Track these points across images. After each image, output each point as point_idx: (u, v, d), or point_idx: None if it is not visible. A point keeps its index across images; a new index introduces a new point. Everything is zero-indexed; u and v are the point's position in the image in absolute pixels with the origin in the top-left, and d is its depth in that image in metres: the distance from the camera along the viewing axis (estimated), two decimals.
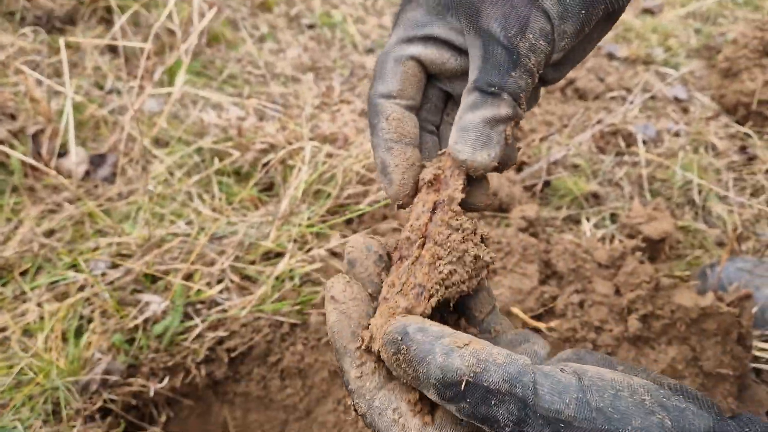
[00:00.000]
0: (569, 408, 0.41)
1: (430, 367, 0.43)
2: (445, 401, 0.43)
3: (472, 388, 0.41)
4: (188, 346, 1.26)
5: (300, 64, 2.12)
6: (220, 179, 1.59)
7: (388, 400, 0.49)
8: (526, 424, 0.40)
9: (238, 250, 1.39)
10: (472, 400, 0.41)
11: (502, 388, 0.41)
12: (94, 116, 1.67)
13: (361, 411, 0.50)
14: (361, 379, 0.50)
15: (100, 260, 1.34)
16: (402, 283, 0.53)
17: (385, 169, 0.59)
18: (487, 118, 0.54)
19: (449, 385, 0.42)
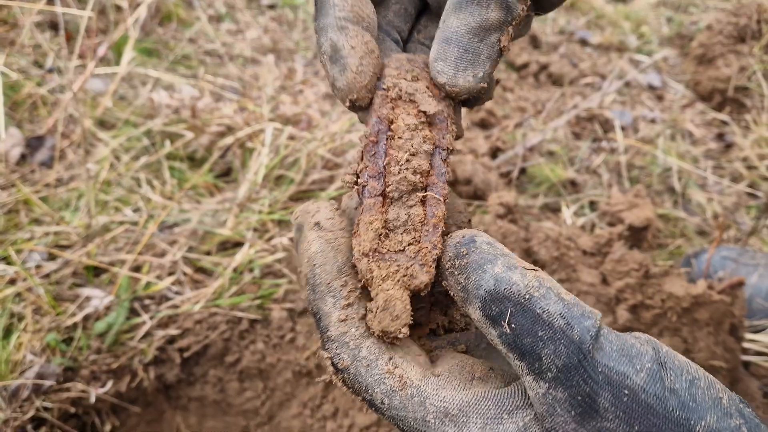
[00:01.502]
0: (639, 376, 0.34)
1: (485, 275, 0.36)
2: (487, 320, 0.36)
3: (521, 311, 0.35)
4: (135, 346, 1.12)
5: (260, 46, 1.99)
6: (171, 164, 1.46)
7: (379, 350, 0.39)
8: (577, 374, 0.33)
9: (191, 239, 1.26)
10: (518, 326, 0.35)
11: (557, 322, 0.34)
12: (31, 95, 1.51)
13: (342, 364, 0.39)
14: (346, 324, 0.40)
15: (34, 251, 1.20)
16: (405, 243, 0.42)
17: (338, 52, 0.45)
18: (474, 26, 0.43)
19: (498, 299, 0.35)
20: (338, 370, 0.40)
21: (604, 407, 0.34)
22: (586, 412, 0.34)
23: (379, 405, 0.39)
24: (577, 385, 0.34)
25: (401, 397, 0.38)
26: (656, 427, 0.34)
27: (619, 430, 0.34)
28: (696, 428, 0.34)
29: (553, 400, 0.34)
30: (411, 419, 0.38)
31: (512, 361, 0.36)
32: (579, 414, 0.34)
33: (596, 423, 0.34)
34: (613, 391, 0.34)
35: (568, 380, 0.34)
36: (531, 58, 2.11)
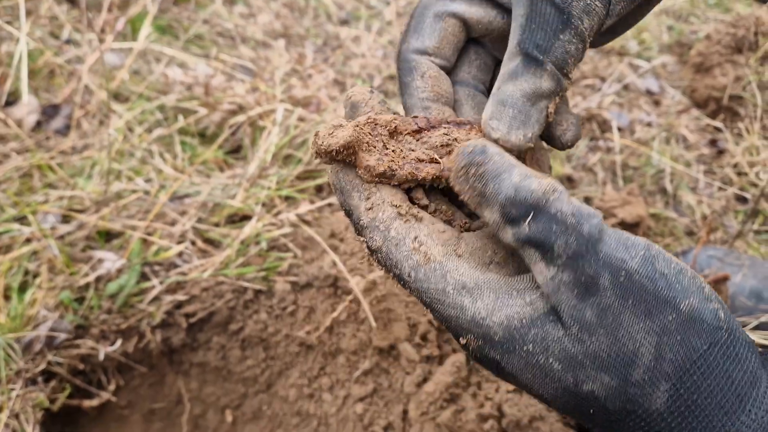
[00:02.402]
0: (634, 260, 0.41)
1: (503, 183, 0.42)
2: (506, 221, 0.42)
3: (539, 211, 0.41)
4: (144, 309, 1.17)
5: (271, 30, 2.03)
6: (183, 139, 1.50)
7: (405, 230, 0.46)
8: (583, 260, 0.40)
9: (201, 211, 1.31)
10: (535, 224, 0.41)
11: (569, 220, 0.41)
12: (48, 64, 1.55)
13: (375, 245, 0.47)
14: (373, 211, 0.47)
15: (49, 213, 1.24)
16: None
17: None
18: (528, 92, 0.48)
19: (517, 203, 0.41)
20: (372, 251, 0.47)
21: (604, 286, 0.40)
22: (587, 290, 0.41)
23: (407, 278, 0.45)
24: (582, 268, 0.40)
25: (425, 270, 0.45)
26: (646, 302, 0.41)
27: (615, 304, 0.40)
28: (681, 306, 0.41)
29: (559, 282, 0.41)
30: (433, 290, 0.45)
31: (526, 252, 0.42)
32: (581, 292, 0.41)
33: (595, 299, 0.41)
34: (612, 273, 0.40)
35: (575, 265, 0.41)
36: None
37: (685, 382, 0.40)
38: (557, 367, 0.42)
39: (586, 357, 0.41)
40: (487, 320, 0.43)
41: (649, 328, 0.41)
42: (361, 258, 1.28)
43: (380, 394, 1.18)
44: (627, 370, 0.41)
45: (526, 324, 0.42)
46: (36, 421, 1.05)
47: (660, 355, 0.40)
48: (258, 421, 1.26)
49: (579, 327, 0.41)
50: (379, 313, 1.19)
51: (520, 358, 0.43)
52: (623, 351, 0.41)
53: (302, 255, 1.30)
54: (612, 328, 0.41)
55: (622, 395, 0.41)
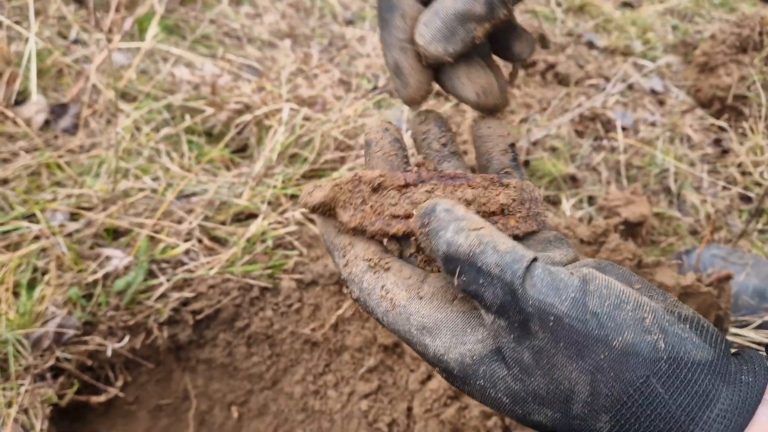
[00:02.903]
0: (564, 304, 0.42)
1: (440, 240, 0.45)
2: (447, 273, 0.45)
3: (468, 266, 0.44)
4: (151, 306, 1.18)
5: (277, 30, 2.04)
6: (190, 138, 1.51)
7: (374, 281, 0.51)
8: (510, 308, 0.43)
9: (207, 209, 1.32)
10: (467, 277, 0.44)
11: (493, 270, 0.43)
12: (56, 64, 1.57)
13: (354, 296, 0.52)
14: (348, 267, 0.52)
15: (58, 211, 1.25)
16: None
17: (400, 70, 0.56)
18: (460, 11, 0.52)
19: (451, 259, 0.44)
20: (354, 299, 0.53)
21: (535, 330, 0.42)
22: (522, 335, 0.43)
23: (381, 320, 0.51)
24: (513, 316, 0.43)
25: (393, 315, 0.49)
26: (577, 343, 0.42)
27: (547, 347, 0.42)
28: (613, 343, 0.41)
29: (498, 327, 0.44)
30: (402, 331, 0.49)
31: (470, 299, 0.47)
32: (517, 336, 0.43)
33: (530, 342, 0.43)
34: (541, 318, 0.42)
35: (505, 313, 0.43)
36: (539, 57, 2.17)
37: (624, 414, 0.41)
38: (506, 401, 0.45)
39: (528, 395, 0.44)
40: (445, 357, 0.47)
41: (582, 367, 0.42)
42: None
43: (385, 391, 1.19)
44: (567, 405, 0.43)
45: (476, 361, 0.46)
46: (45, 416, 1.06)
47: (596, 391, 0.42)
48: (264, 417, 1.28)
49: (519, 368, 0.44)
50: None
51: (476, 390, 0.46)
52: (560, 389, 0.43)
53: (308, 253, 1.32)
54: (547, 369, 0.43)
55: (567, 426, 0.44)
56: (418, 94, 0.57)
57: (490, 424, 1.09)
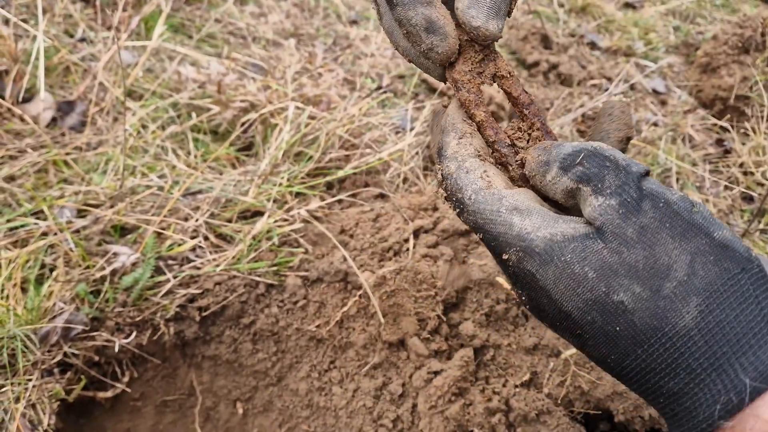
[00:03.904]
0: (674, 196, 0.46)
1: (564, 147, 0.49)
2: (562, 171, 0.48)
3: (594, 154, 0.47)
4: (158, 302, 1.19)
5: (282, 30, 2.05)
6: (195, 136, 1.52)
7: (478, 164, 0.53)
8: (629, 188, 0.45)
9: (213, 206, 1.33)
10: (589, 162, 0.47)
11: (620, 161, 0.47)
12: (63, 62, 1.57)
13: (448, 171, 0.53)
14: (459, 146, 0.54)
15: (65, 207, 1.26)
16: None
17: (433, 24, 0.54)
18: None
19: (574, 154, 0.48)
20: (444, 177, 0.54)
21: (645, 209, 0.45)
22: (630, 212, 0.45)
23: (467, 201, 0.51)
24: (628, 194, 0.45)
25: (485, 194, 0.50)
26: (682, 227, 0.45)
27: (653, 224, 0.45)
28: (714, 234, 0.44)
29: (606, 206, 0.46)
30: (488, 210, 0.50)
31: (578, 192, 0.48)
32: (625, 213, 0.45)
33: (637, 219, 0.45)
34: (653, 200, 0.45)
35: (621, 191, 0.46)
36: (541, 57, 2.17)
37: (716, 299, 0.43)
38: (591, 276, 0.45)
39: (621, 266, 0.44)
40: (531, 235, 0.47)
41: (683, 247, 0.44)
42: (371, 255, 1.30)
43: (389, 388, 1.20)
44: (659, 282, 0.43)
45: (567, 239, 0.46)
46: (52, 411, 1.07)
47: (693, 272, 0.43)
48: (268, 413, 1.28)
49: (619, 242, 0.45)
50: (388, 308, 1.21)
51: (556, 268, 0.46)
52: (658, 264, 0.44)
53: (313, 250, 1.32)
54: (650, 243, 0.44)
55: (652, 308, 0.43)
56: (456, 45, 0.56)
57: (494, 420, 1.10)
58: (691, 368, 0.43)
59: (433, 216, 1.39)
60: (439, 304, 1.24)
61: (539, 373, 1.19)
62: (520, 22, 2.37)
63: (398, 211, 1.40)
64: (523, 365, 1.20)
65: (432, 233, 1.37)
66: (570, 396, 1.16)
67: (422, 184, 1.56)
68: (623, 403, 1.14)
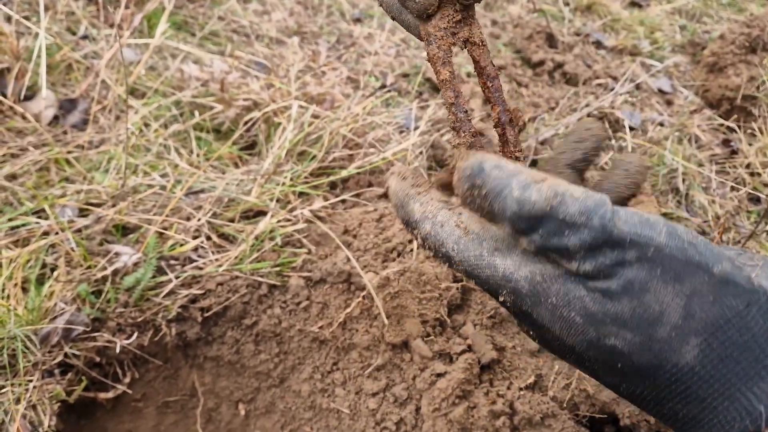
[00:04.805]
0: (661, 236, 0.41)
1: (506, 201, 0.43)
2: (518, 234, 0.44)
3: (546, 221, 0.42)
4: (159, 303, 1.18)
5: (285, 28, 2.04)
6: (198, 135, 1.51)
7: (449, 215, 0.51)
8: (600, 249, 0.41)
9: (216, 206, 1.32)
10: (545, 232, 0.42)
11: (578, 219, 0.41)
12: (65, 59, 1.56)
13: (424, 232, 0.52)
14: (423, 206, 0.53)
15: (67, 207, 1.25)
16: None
17: None
18: None
19: (524, 218, 0.42)
20: (423, 239, 0.52)
21: (629, 262, 0.41)
22: (612, 271, 0.42)
23: (451, 252, 0.50)
24: (605, 255, 0.41)
25: (466, 240, 0.49)
26: (675, 269, 0.41)
27: (641, 275, 0.41)
28: (713, 269, 0.42)
29: (585, 271, 0.42)
30: (472, 256, 0.48)
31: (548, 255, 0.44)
32: (605, 274, 0.42)
33: (621, 273, 0.41)
34: (640, 250, 0.41)
35: (595, 255, 0.42)
36: (546, 56, 2.16)
37: (719, 337, 0.41)
38: (579, 321, 0.43)
39: (607, 317, 0.42)
40: (515, 275, 0.46)
41: (678, 291, 0.41)
42: (375, 256, 1.29)
43: (393, 390, 1.19)
44: (651, 329, 0.42)
45: (547, 279, 0.44)
46: (53, 412, 1.07)
47: (689, 314, 0.41)
48: (271, 415, 1.27)
49: (601, 294, 0.42)
50: (391, 310, 1.20)
51: (547, 310, 0.45)
52: (648, 313, 0.41)
53: (316, 251, 1.31)
54: (637, 294, 0.41)
55: (648, 350, 0.42)
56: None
57: (499, 423, 1.09)
58: (701, 398, 0.42)
59: None
60: (444, 305, 1.23)
61: (544, 375, 1.18)
62: (526, 20, 2.35)
63: None
64: (528, 368, 1.19)
65: None
66: (575, 399, 1.15)
67: None
68: (629, 406, 1.13)
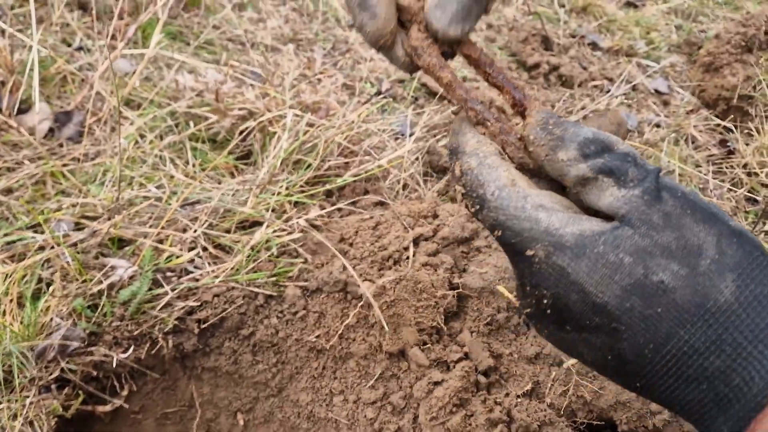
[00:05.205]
0: (687, 189, 0.49)
1: (582, 129, 0.50)
2: (581, 156, 0.49)
3: (614, 149, 0.49)
4: (156, 315, 1.18)
5: (281, 35, 2.04)
6: (194, 145, 1.51)
7: (500, 162, 0.52)
8: (649, 180, 0.48)
9: (212, 217, 1.32)
10: (610, 157, 0.49)
11: (638, 159, 0.50)
12: (60, 71, 1.57)
13: (467, 167, 0.52)
14: (479, 143, 0.54)
15: (62, 221, 1.25)
16: None
17: (366, 1, 0.54)
18: None
19: (596, 142, 0.49)
20: (462, 173, 0.53)
21: (665, 198, 0.48)
22: (653, 200, 0.47)
23: (489, 197, 0.51)
24: (650, 186, 0.48)
25: (509, 191, 0.50)
26: (701, 214, 0.47)
27: (676, 211, 0.47)
28: (729, 222, 0.48)
29: (631, 196, 0.48)
30: (512, 207, 0.50)
31: (597, 181, 0.49)
32: (648, 201, 0.47)
33: (660, 206, 0.47)
34: (672, 191, 0.48)
35: (642, 184, 0.48)
36: (542, 59, 2.16)
37: (749, 274, 0.45)
38: (628, 260, 0.46)
39: (655, 248, 0.46)
40: (561, 230, 0.48)
41: (708, 230, 0.46)
42: (371, 264, 1.29)
43: (390, 398, 1.19)
44: (695, 259, 0.45)
45: (596, 233, 0.47)
46: (50, 428, 1.07)
47: (722, 251, 0.46)
48: (269, 424, 1.28)
49: (647, 227, 0.46)
50: (388, 319, 1.20)
51: (590, 260, 0.47)
52: (689, 244, 0.46)
53: (312, 260, 1.31)
54: (677, 227, 0.46)
55: (692, 284, 0.45)
56: (388, 27, 0.55)
57: (496, 431, 1.09)
58: (737, 342, 0.44)
59: (433, 223, 1.38)
60: (440, 313, 1.23)
61: (541, 382, 1.17)
62: (521, 23, 2.35)
63: (398, 218, 1.39)
64: (525, 375, 1.19)
65: (432, 241, 1.35)
66: (573, 406, 1.15)
67: (422, 191, 1.55)
68: (627, 413, 1.13)
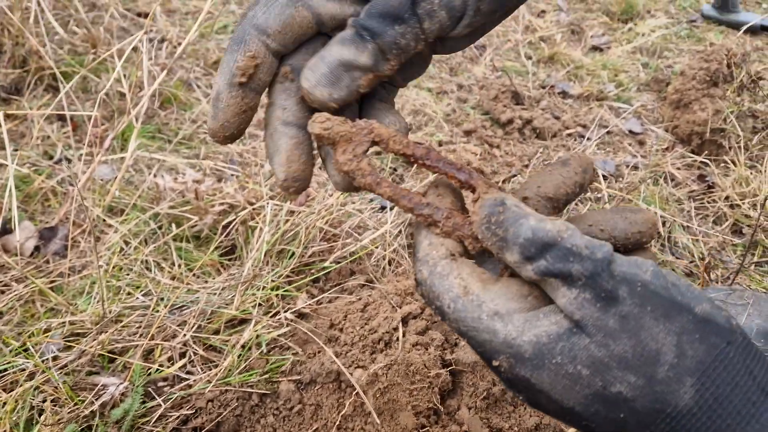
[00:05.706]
0: (646, 274, 0.46)
1: (522, 227, 0.47)
2: (524, 260, 0.47)
3: (556, 246, 0.46)
4: (150, 430, 1.18)
5: (258, 122, 2.09)
6: (179, 245, 1.53)
7: (450, 267, 0.52)
8: (600, 278, 0.45)
9: (200, 319, 1.32)
10: (552, 257, 0.46)
11: (583, 251, 0.46)
12: (42, 188, 1.60)
13: (421, 277, 0.53)
14: (430, 246, 0.54)
15: (51, 343, 1.26)
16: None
17: (218, 102, 0.56)
18: (346, 60, 0.54)
19: (537, 242, 0.46)
20: (418, 283, 0.53)
21: (622, 297, 0.45)
22: (608, 303, 0.45)
23: (446, 309, 0.51)
24: (601, 285, 0.45)
25: (464, 301, 0.50)
26: (663, 306, 0.45)
27: (635, 311, 0.45)
28: (695, 309, 0.46)
29: (582, 299, 0.46)
30: (469, 318, 0.49)
31: (547, 283, 0.48)
32: (602, 305, 0.45)
33: (616, 309, 0.45)
34: (629, 285, 0.45)
35: (593, 283, 0.45)
36: (514, 114, 2.20)
37: (709, 376, 0.44)
38: (585, 373, 0.46)
39: (611, 359, 0.45)
40: (518, 340, 0.47)
41: (668, 329, 0.45)
42: (362, 349, 1.29)
43: None
44: (652, 369, 0.45)
45: (553, 339, 0.46)
46: None
47: (682, 353, 0.45)
48: None
49: (603, 334, 0.45)
50: (383, 405, 1.19)
51: (550, 371, 0.47)
52: (646, 351, 0.45)
53: (303, 350, 1.31)
54: (634, 331, 0.45)
55: (650, 394, 0.45)
56: (222, 134, 0.57)
57: None
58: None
59: (420, 300, 1.39)
60: (435, 393, 1.22)
61: None
62: (490, 81, 2.41)
63: (385, 297, 1.40)
64: None
65: (421, 318, 1.36)
66: None
67: (407, 264, 1.56)
68: None
